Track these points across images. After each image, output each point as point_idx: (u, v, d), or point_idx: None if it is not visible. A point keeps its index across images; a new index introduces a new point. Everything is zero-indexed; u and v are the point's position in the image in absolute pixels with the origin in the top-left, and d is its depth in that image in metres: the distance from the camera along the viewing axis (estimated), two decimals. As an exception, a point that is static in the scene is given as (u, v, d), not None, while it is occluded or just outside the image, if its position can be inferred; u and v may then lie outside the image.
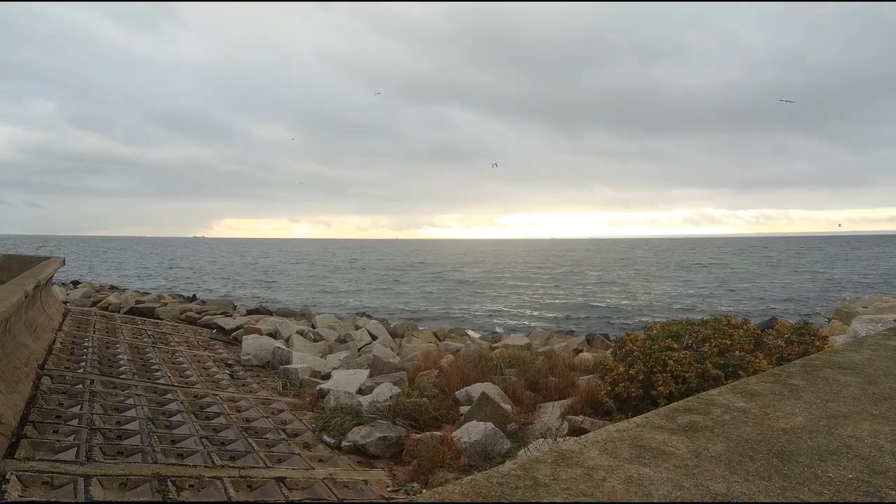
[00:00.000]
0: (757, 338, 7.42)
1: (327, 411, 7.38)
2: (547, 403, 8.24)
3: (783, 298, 31.44)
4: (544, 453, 0.94)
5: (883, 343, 2.00)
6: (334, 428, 6.79)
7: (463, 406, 7.88)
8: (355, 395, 7.88)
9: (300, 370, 9.14)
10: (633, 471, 0.86)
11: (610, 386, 7.09)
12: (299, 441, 6.34)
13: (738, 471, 0.88)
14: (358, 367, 9.94)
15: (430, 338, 15.05)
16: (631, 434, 1.03)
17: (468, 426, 6.50)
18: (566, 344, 13.75)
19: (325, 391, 8.07)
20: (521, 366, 10.02)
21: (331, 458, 5.97)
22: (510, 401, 8.18)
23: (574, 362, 11.23)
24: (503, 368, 9.71)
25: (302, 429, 6.83)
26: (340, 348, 12.10)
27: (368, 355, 11.17)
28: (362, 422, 6.98)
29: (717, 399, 1.30)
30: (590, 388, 8.18)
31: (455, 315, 26.43)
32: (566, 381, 9.48)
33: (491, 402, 7.31)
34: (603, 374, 7.57)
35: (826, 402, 1.30)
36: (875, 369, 1.63)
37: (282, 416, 7.23)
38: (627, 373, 6.89)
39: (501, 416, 7.12)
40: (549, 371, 10.15)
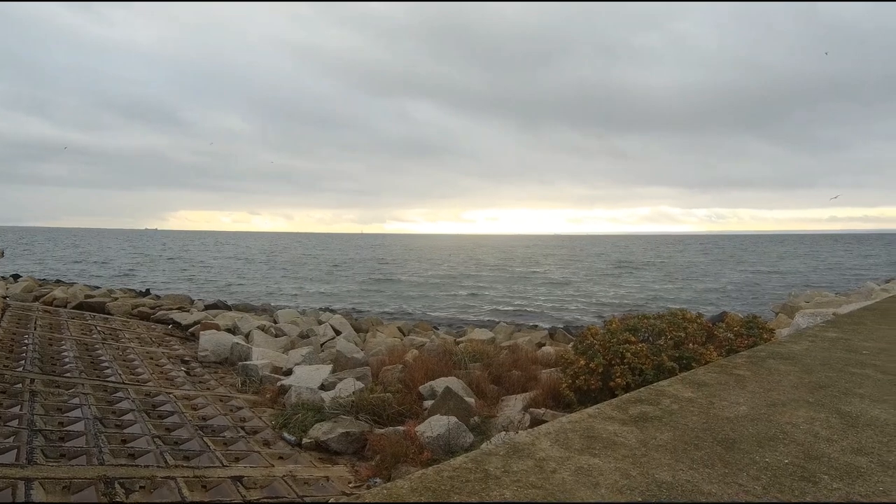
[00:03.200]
0: (709, 331, 7.72)
1: (288, 408, 7.24)
2: (510, 396, 8.35)
3: (734, 293, 32.92)
4: (497, 446, 0.94)
5: (820, 335, 2.11)
6: (295, 424, 6.68)
7: (427, 400, 7.89)
8: (317, 391, 7.76)
9: (260, 366, 8.93)
10: (583, 461, 0.87)
11: (571, 379, 7.23)
12: (258, 439, 6.20)
13: (684, 459, 0.90)
14: (321, 363, 9.79)
15: (394, 332, 14.97)
16: (583, 425, 1.05)
17: (431, 420, 6.51)
18: (529, 338, 13.95)
19: (286, 387, 7.92)
20: (485, 360, 10.11)
21: (291, 455, 5.87)
22: (474, 394, 8.25)
23: (537, 356, 11.41)
24: (467, 362, 9.77)
25: (261, 426, 6.67)
26: (303, 343, 11.88)
27: (332, 350, 11.02)
28: (324, 418, 6.88)
29: (667, 390, 1.34)
30: (552, 381, 8.34)
31: (421, 310, 26.43)
32: (529, 374, 9.64)
33: (454, 396, 7.34)
34: (564, 368, 7.72)
35: (768, 391, 1.35)
36: (812, 359, 1.71)
37: (240, 413, 7.04)
38: (588, 366, 7.04)
39: (465, 409, 7.16)
40: (513, 365, 10.29)
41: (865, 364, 1.67)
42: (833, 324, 2.45)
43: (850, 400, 1.29)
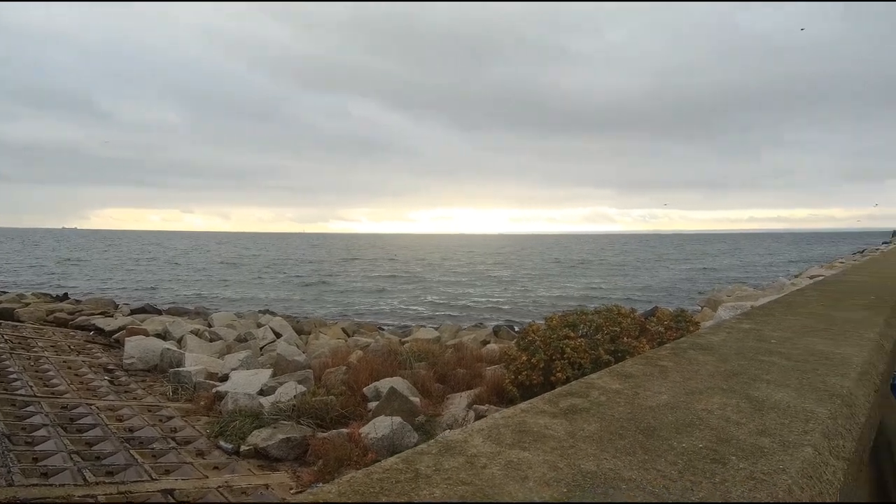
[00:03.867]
0: (642, 325, 8.12)
1: (224, 415, 6.93)
2: (455, 394, 8.42)
3: (665, 289, 34.90)
4: (429, 444, 0.93)
5: (736, 326, 2.28)
6: (232, 432, 6.40)
7: (372, 402, 7.81)
8: (256, 397, 7.48)
9: (194, 372, 8.49)
10: (513, 455, 0.88)
11: (514, 375, 7.38)
12: (192, 449, 5.89)
13: (608, 448, 0.94)
14: (260, 367, 9.44)
15: (338, 334, 14.69)
16: (515, 420, 1.06)
17: (376, 422, 6.45)
18: (474, 336, 14.13)
19: (222, 394, 7.57)
20: (430, 359, 10.13)
21: (228, 464, 5.62)
22: (419, 394, 8.25)
23: (481, 353, 11.57)
24: (413, 362, 9.75)
25: (195, 435, 6.35)
26: (240, 348, 11.41)
27: (272, 354, 10.66)
28: (264, 424, 6.65)
29: (597, 382, 1.39)
30: (496, 378, 8.48)
31: (366, 310, 26.09)
32: (474, 371, 9.75)
33: (399, 397, 7.31)
34: (507, 364, 7.87)
35: (687, 380, 1.43)
36: (728, 349, 1.84)
37: (172, 423, 6.66)
38: (530, 361, 7.22)
39: (410, 409, 7.15)
40: (458, 363, 10.37)
41: (773, 352, 1.82)
42: (748, 316, 2.65)
43: (758, 385, 1.40)
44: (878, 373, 1.71)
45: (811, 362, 1.69)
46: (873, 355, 1.85)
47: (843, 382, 1.45)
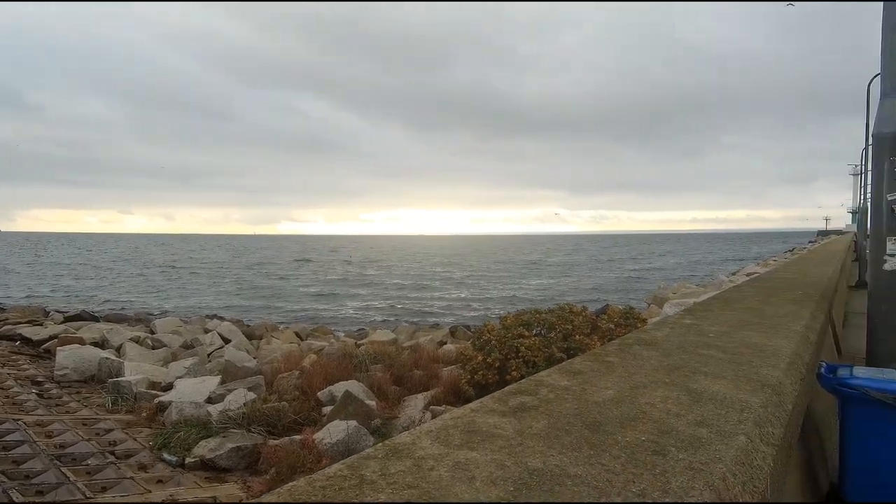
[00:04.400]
0: (593, 323, 8.36)
1: (168, 426, 6.60)
2: (412, 396, 8.38)
3: (616, 287, 36.17)
4: (376, 448, 0.91)
5: (679, 322, 2.38)
6: (177, 443, 6.10)
7: (326, 406, 7.66)
8: (203, 405, 7.17)
9: (134, 382, 8.04)
10: (461, 456, 0.87)
11: (470, 374, 7.42)
12: (132, 463, 5.57)
13: (555, 445, 0.95)
14: (207, 375, 9.06)
15: (291, 338, 14.30)
16: (465, 420, 1.06)
17: (330, 427, 6.33)
18: (431, 337, 14.12)
19: (165, 404, 7.21)
20: (387, 361, 10.04)
21: (173, 477, 5.35)
22: (375, 397, 8.15)
23: (438, 354, 11.58)
24: (369, 365, 9.63)
25: (137, 448, 6.01)
26: (186, 355, 10.90)
27: (220, 360, 10.24)
28: (212, 433, 6.38)
29: (546, 380, 1.41)
30: (452, 378, 8.50)
31: (320, 313, 25.56)
32: (430, 373, 9.74)
33: (355, 400, 7.20)
34: (464, 364, 7.90)
35: (632, 374, 1.48)
36: (670, 344, 1.92)
37: (110, 436, 6.28)
38: (485, 361, 7.28)
39: (365, 413, 7.05)
40: (414, 364, 10.33)
41: (711, 345, 1.91)
42: (689, 311, 2.78)
43: (698, 378, 1.46)
44: (804, 363, 1.83)
45: (746, 355, 1.79)
46: (800, 346, 1.97)
47: (774, 373, 1.54)
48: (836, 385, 2.45)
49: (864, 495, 2.52)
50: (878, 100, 3.24)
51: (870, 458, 2.44)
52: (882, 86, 3.18)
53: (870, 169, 3.20)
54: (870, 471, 2.45)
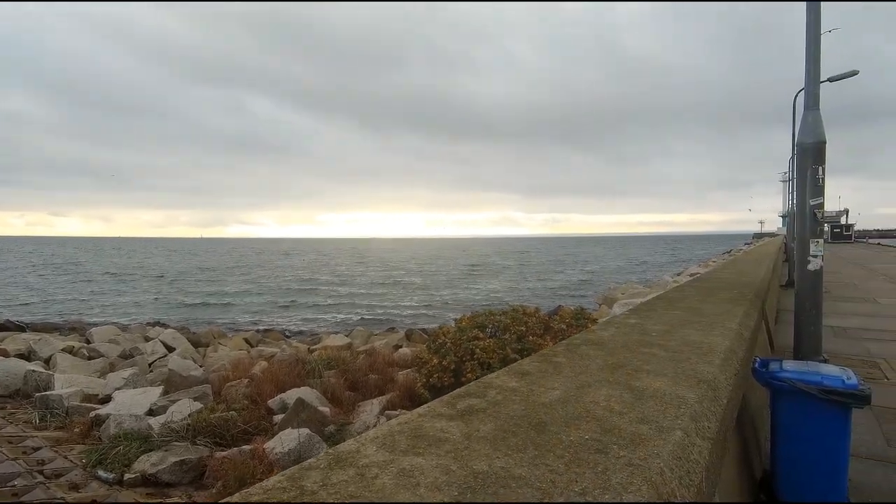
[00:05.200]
0: (546, 323, 8.53)
1: (105, 441, 6.21)
2: (367, 401, 8.27)
3: (567, 288, 37.12)
4: (319, 458, 0.88)
5: (624, 321, 2.46)
6: (114, 459, 5.75)
7: (277, 415, 7.44)
8: (144, 418, 6.80)
9: (66, 396, 7.51)
10: (406, 463, 0.86)
11: (425, 378, 7.40)
12: (63, 482, 5.20)
13: (501, 447, 0.95)
14: (149, 385, 8.60)
15: (240, 344, 13.80)
16: (412, 425, 1.04)
17: (282, 435, 6.14)
18: (387, 341, 14.00)
19: (102, 417, 6.79)
20: (341, 366, 9.87)
21: (109, 495, 5.03)
22: (329, 403, 8.00)
23: (394, 358, 11.50)
24: (322, 370, 9.43)
25: (68, 466, 5.61)
26: (125, 365, 10.30)
27: (163, 370, 9.74)
28: (153, 447, 6.05)
29: (495, 381, 1.41)
30: (408, 382, 8.46)
31: (271, 318, 24.81)
32: (386, 377, 9.65)
33: (307, 407, 7.03)
34: (419, 367, 7.87)
35: (578, 374, 1.51)
36: (615, 343, 1.97)
37: (38, 454, 5.84)
38: (441, 364, 7.28)
39: (319, 419, 6.90)
40: (370, 369, 10.21)
41: (653, 344, 1.98)
42: (634, 311, 2.88)
43: (640, 376, 1.51)
44: (738, 359, 1.93)
45: (685, 352, 1.87)
46: (734, 343, 2.08)
47: (710, 369, 1.61)
48: (768, 378, 2.60)
49: (793, 481, 2.68)
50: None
51: (797, 446, 2.61)
52: (805, 100, 3.43)
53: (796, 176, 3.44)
54: (797, 457, 2.61)
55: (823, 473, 2.54)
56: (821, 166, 3.31)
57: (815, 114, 3.34)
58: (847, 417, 2.51)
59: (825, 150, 3.29)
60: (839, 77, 12.05)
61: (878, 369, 5.75)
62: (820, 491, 2.57)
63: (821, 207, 3.48)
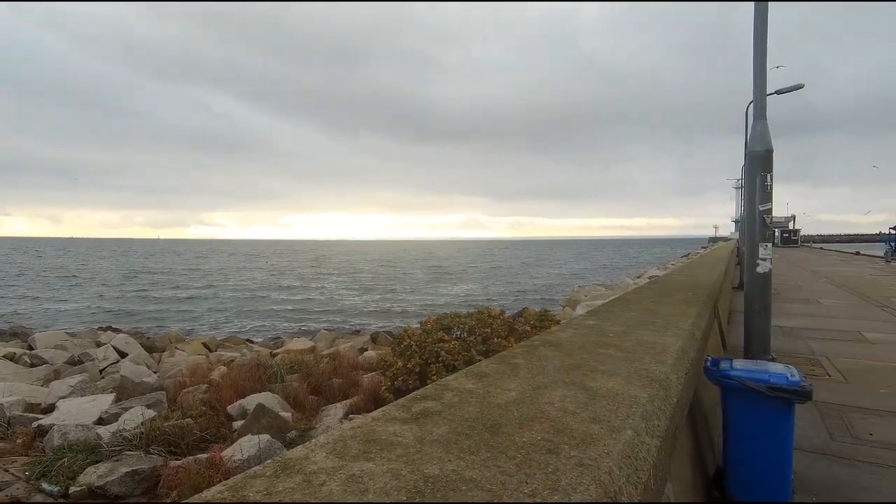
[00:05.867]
0: (510, 325, 8.61)
1: (49, 452, 5.89)
2: (331, 405, 8.15)
3: (533, 290, 37.63)
4: (265, 465, 0.85)
5: (583, 322, 2.50)
6: (59, 471, 5.46)
7: (237, 421, 7.24)
8: (93, 427, 6.49)
9: (7, 405, 7.08)
10: (356, 468, 0.84)
11: (390, 381, 7.34)
12: (5, 497, 4.90)
13: (454, 450, 0.95)
14: (100, 392, 8.21)
15: (198, 349, 13.34)
16: (365, 430, 1.03)
17: (241, 442, 5.98)
18: (352, 344, 13.83)
19: (46, 427, 6.43)
20: (304, 370, 9.69)
21: (52, 510, 4.77)
22: (291, 408, 7.84)
23: (359, 361, 11.37)
24: (284, 375, 9.23)
25: (10, 480, 5.29)
26: (72, 372, 9.80)
27: (114, 377, 9.32)
28: (102, 458, 5.78)
29: (452, 384, 1.41)
30: (373, 385, 8.38)
31: (233, 321, 24.12)
32: (350, 380, 9.54)
33: (268, 413, 6.86)
34: (384, 370, 7.81)
35: (535, 375, 1.52)
36: (573, 344, 2.00)
37: (-26, 469, 5.47)
38: (406, 366, 7.24)
39: (280, 425, 6.74)
40: (334, 372, 10.07)
41: (609, 345, 2.02)
42: (593, 313, 2.94)
43: (595, 376, 1.53)
44: (689, 358, 1.99)
45: (639, 352, 1.91)
46: (686, 343, 2.15)
47: (662, 369, 1.66)
48: (719, 377, 2.70)
49: (742, 475, 2.78)
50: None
51: (745, 441, 2.71)
52: (754, 110, 3.59)
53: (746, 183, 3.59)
54: (746, 452, 2.71)
55: (770, 467, 2.64)
56: (769, 174, 3.47)
57: (763, 123, 3.51)
58: (791, 413, 2.63)
59: (772, 158, 3.46)
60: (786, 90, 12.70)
61: (821, 367, 6.06)
62: (767, 484, 2.67)
63: (769, 213, 3.65)
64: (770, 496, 2.74)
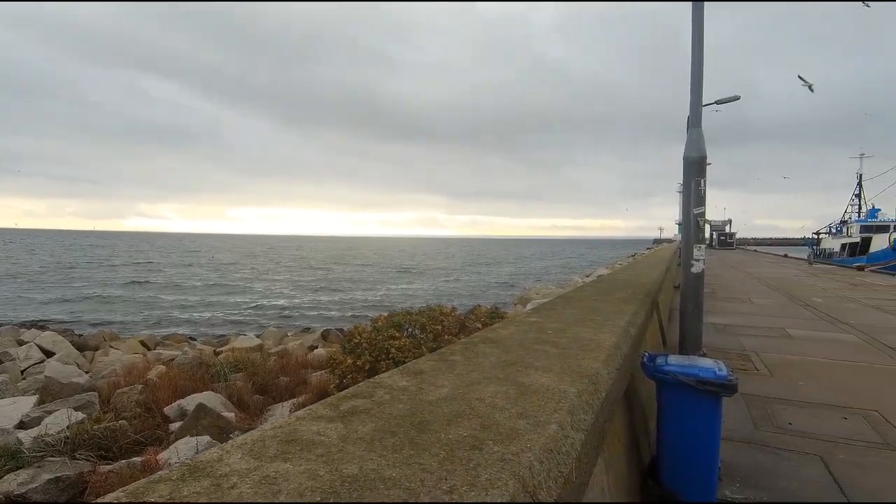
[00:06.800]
0: (461, 323, 8.68)
1: (-40, 460, 5.42)
2: (277, 405, 7.95)
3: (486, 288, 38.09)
4: (171, 469, 0.81)
5: (524, 320, 2.55)
6: (-28, 481, 5.03)
7: (175, 422, 6.93)
8: (13, 431, 6.04)
9: (-89, 410, 6.47)
10: (272, 469, 0.81)
11: (339, 379, 7.23)
12: None
13: (377, 448, 0.93)
14: (20, 394, 7.64)
15: (136, 347, 12.65)
16: (287, 429, 0.99)
17: (179, 444, 5.73)
18: (301, 342, 13.52)
19: (-43, 433, 5.92)
20: (250, 369, 9.40)
21: (-37, 522, 4.39)
22: (235, 408, 7.58)
23: (308, 359, 11.14)
24: (228, 374, 8.91)
25: (-89, 492, 4.83)
26: (-9, 372, 9.07)
27: (38, 377, 8.69)
28: (23, 464, 5.39)
29: (386, 381, 1.39)
30: (321, 384, 8.23)
31: (175, 319, 23.04)
32: (299, 378, 9.34)
33: (209, 413, 6.60)
34: (333, 368, 7.68)
35: (470, 372, 1.53)
36: (513, 341, 2.03)
37: None
38: (355, 364, 7.15)
39: (222, 426, 6.50)
40: (281, 371, 9.82)
41: (547, 341, 2.06)
42: (536, 310, 3.00)
43: (529, 372, 1.56)
44: (622, 354, 2.06)
45: (574, 348, 1.96)
46: (620, 339, 2.22)
47: (594, 364, 1.70)
48: (654, 372, 2.81)
49: (673, 464, 2.91)
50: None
51: (677, 432, 2.84)
52: (690, 118, 3.77)
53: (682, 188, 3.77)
54: (677, 442, 2.84)
55: (698, 455, 2.78)
56: (703, 178, 3.66)
57: (698, 131, 3.69)
58: (718, 405, 2.77)
59: (706, 164, 3.65)
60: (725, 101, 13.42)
61: (750, 361, 6.46)
62: (695, 472, 2.81)
63: (703, 216, 3.84)
64: (698, 483, 2.88)
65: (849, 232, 40.14)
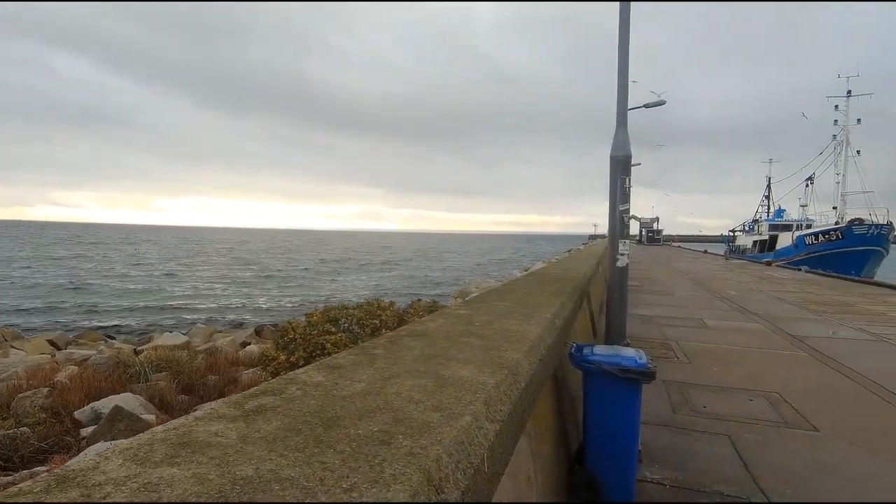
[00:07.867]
0: (400, 317, 8.64)
1: None
2: (204, 405, 7.56)
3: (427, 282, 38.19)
4: (36, 480, 0.72)
5: (454, 312, 2.55)
6: None
7: (88, 427, 6.42)
8: None
9: None
10: (156, 475, 0.74)
11: (271, 376, 6.98)
12: None
13: (279, 447, 0.88)
14: None
15: (42, 347, 11.58)
16: (181, 431, 0.92)
17: (89, 451, 5.30)
18: (232, 338, 12.95)
19: None
20: (174, 368, 8.88)
21: None
22: (156, 409, 7.14)
23: (239, 357, 10.71)
24: (150, 374, 8.36)
25: None
26: None
27: (-77, 382, 7.75)
28: None
29: (300, 377, 1.34)
30: (253, 382, 7.92)
31: (91, 316, 21.32)
32: (228, 377, 8.95)
33: (127, 416, 6.18)
34: (265, 365, 7.42)
35: (391, 365, 1.50)
36: (439, 334, 2.03)
37: None
38: (288, 360, 6.93)
39: (141, 429, 6.09)
40: (209, 369, 9.37)
41: (473, 333, 2.07)
42: (467, 303, 3.02)
43: (450, 364, 1.55)
44: (546, 345, 2.11)
45: (499, 340, 1.98)
46: (545, 331, 2.28)
47: (515, 356, 1.73)
48: (580, 361, 2.91)
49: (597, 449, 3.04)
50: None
51: (600, 418, 2.96)
52: (617, 118, 3.93)
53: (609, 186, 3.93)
54: (600, 428, 2.96)
55: (620, 439, 2.91)
56: (627, 177, 3.83)
57: (624, 131, 3.86)
58: (638, 391, 2.92)
59: (630, 163, 3.82)
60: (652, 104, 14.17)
61: (671, 350, 6.88)
62: (617, 455, 2.94)
63: (627, 212, 4.02)
64: (619, 466, 3.02)
65: (759, 230, 43.87)
